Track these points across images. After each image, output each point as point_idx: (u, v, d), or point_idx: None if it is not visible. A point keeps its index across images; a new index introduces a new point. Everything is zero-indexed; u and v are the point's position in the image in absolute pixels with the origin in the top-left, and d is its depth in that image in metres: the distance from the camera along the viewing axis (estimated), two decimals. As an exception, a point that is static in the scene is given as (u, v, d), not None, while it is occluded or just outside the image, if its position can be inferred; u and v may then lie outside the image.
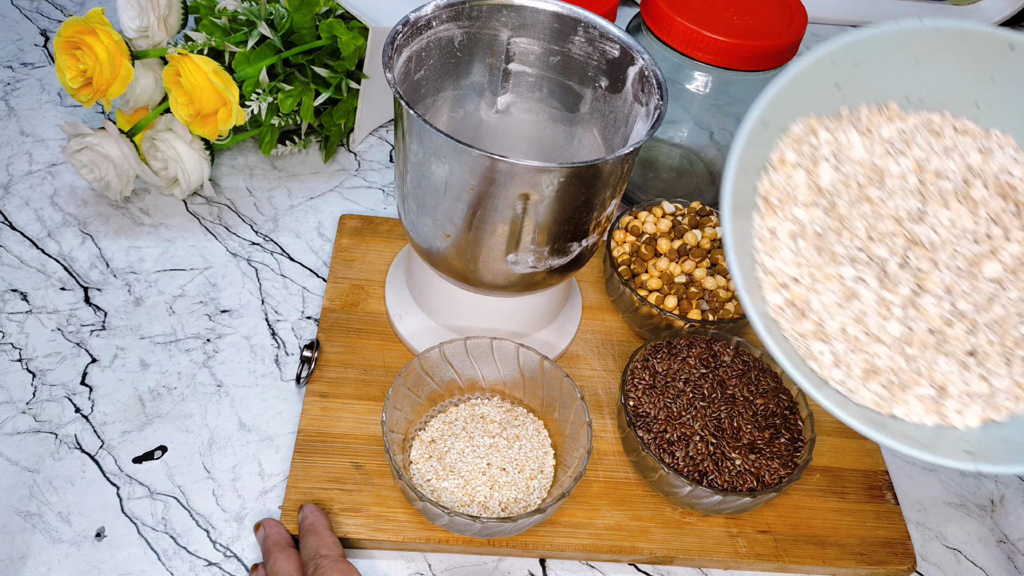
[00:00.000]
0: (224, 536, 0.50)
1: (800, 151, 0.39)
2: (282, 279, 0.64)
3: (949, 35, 0.39)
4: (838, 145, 0.39)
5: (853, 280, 0.38)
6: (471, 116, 0.58)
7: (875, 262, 0.38)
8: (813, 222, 0.38)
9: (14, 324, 0.58)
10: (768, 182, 0.39)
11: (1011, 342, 0.39)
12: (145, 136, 0.65)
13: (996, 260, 0.39)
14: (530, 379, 0.55)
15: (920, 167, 0.39)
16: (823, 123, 0.40)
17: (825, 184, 0.39)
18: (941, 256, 0.38)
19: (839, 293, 0.38)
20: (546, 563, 0.51)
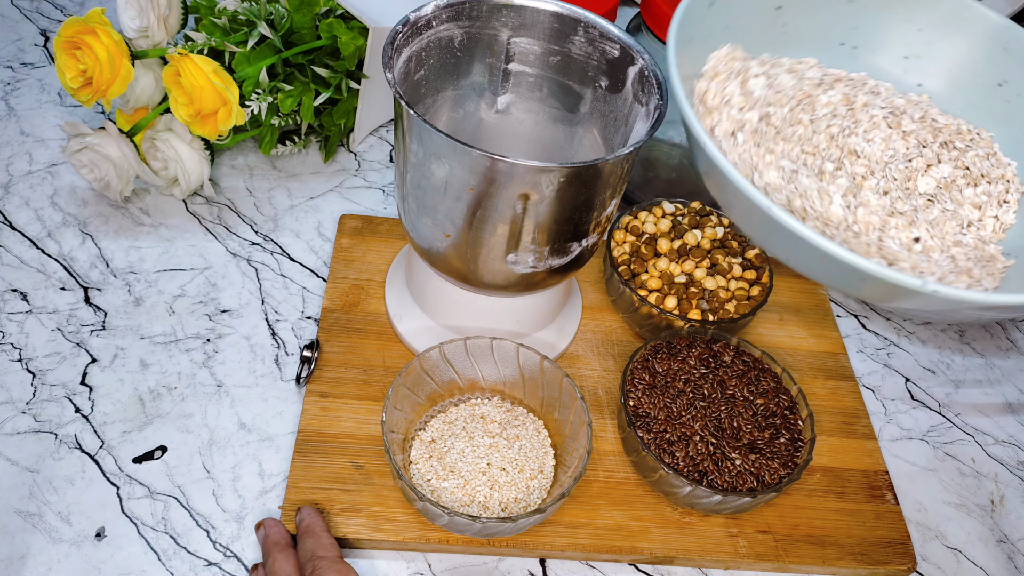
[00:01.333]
0: (224, 536, 0.50)
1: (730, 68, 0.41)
2: (282, 279, 0.64)
3: None
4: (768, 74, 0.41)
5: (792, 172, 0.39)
6: (471, 116, 0.58)
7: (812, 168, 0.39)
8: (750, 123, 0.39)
9: (14, 324, 0.58)
10: (703, 86, 0.40)
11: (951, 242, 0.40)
12: (145, 136, 0.65)
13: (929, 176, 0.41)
14: (530, 379, 0.55)
15: (848, 100, 0.41)
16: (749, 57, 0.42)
17: (757, 94, 0.40)
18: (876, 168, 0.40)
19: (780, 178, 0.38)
20: (546, 563, 0.51)
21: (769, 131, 0.40)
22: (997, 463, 0.61)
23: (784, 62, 0.44)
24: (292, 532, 0.49)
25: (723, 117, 0.40)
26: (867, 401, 0.63)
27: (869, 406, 0.62)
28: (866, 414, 0.61)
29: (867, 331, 0.68)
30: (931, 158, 0.41)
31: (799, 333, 0.65)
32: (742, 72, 0.41)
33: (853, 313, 0.70)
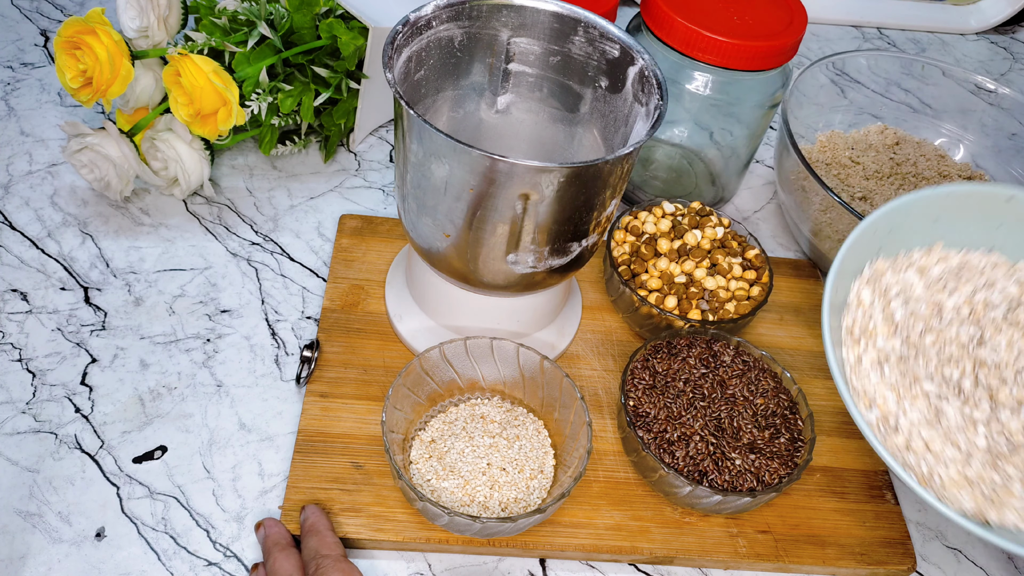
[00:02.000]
0: (224, 536, 0.50)
1: (873, 290, 0.48)
2: (282, 279, 0.64)
3: (959, 196, 0.49)
4: (902, 285, 0.48)
5: (937, 397, 0.45)
6: (471, 116, 0.58)
7: (951, 383, 0.45)
8: (893, 350, 0.46)
9: (14, 324, 0.58)
10: (851, 319, 0.47)
11: None
12: (145, 136, 0.65)
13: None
14: (530, 379, 0.55)
15: (970, 300, 0.48)
16: (888, 264, 0.49)
17: (899, 318, 0.47)
18: (1007, 373, 0.45)
19: (926, 411, 0.44)
20: (546, 563, 0.51)
21: (911, 352, 0.46)
22: (997, 463, 0.61)
23: (915, 257, 0.50)
24: (293, 532, 0.49)
25: (870, 347, 0.46)
26: (867, 401, 0.63)
27: (869, 406, 0.62)
28: (866, 414, 0.61)
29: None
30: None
31: (799, 333, 0.65)
32: (884, 295, 0.47)
33: (853, 313, 0.70)
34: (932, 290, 0.48)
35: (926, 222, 0.49)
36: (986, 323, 0.47)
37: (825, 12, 1.05)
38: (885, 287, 0.48)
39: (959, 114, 0.81)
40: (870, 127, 0.82)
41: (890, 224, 0.48)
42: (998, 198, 0.50)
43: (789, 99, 0.70)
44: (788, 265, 0.70)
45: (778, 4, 0.65)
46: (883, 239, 0.48)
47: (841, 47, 1.02)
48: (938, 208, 0.49)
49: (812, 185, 0.65)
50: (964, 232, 0.50)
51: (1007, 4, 1.08)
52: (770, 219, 0.77)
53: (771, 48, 0.61)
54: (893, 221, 0.48)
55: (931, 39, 1.06)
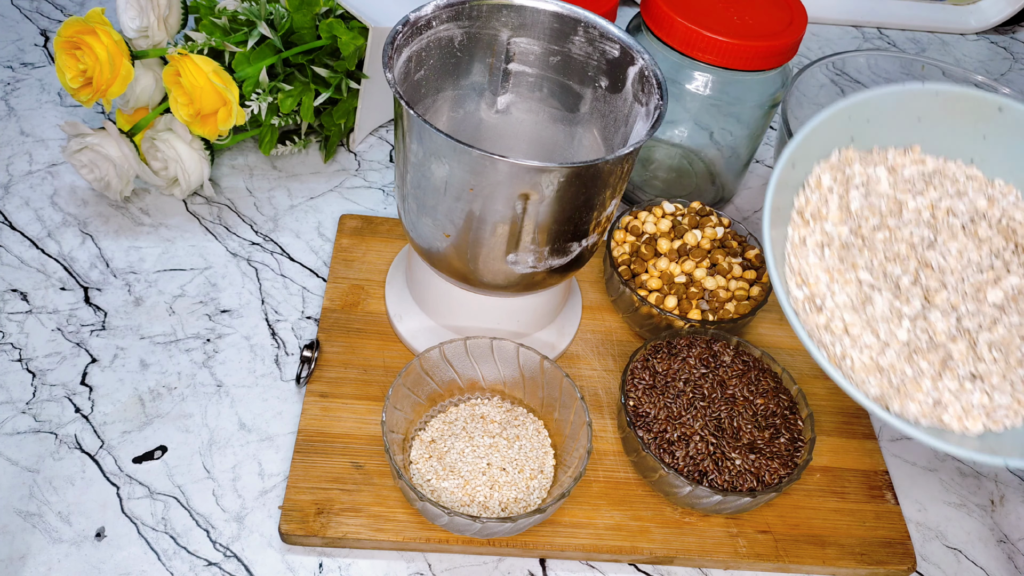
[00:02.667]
0: (224, 536, 0.50)
1: (835, 177, 0.46)
2: (282, 279, 0.64)
3: (947, 97, 0.46)
4: (867, 177, 0.46)
5: (869, 287, 0.43)
6: (471, 116, 0.58)
7: (890, 278, 0.44)
8: (840, 236, 0.44)
9: (14, 324, 0.58)
10: (804, 199, 0.45)
11: (1015, 361, 0.43)
12: (145, 136, 0.65)
13: (999, 288, 0.44)
14: (530, 379, 0.55)
15: (934, 205, 0.46)
16: (858, 155, 0.47)
17: (855, 208, 0.45)
18: (949, 279, 0.44)
19: (855, 296, 0.43)
20: (546, 563, 0.51)
21: (856, 242, 0.45)
22: (997, 463, 0.61)
23: (889, 156, 0.48)
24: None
25: (816, 230, 0.45)
26: (867, 401, 0.63)
27: (869, 406, 0.62)
28: (866, 414, 0.61)
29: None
30: (1001, 269, 0.45)
31: (799, 333, 0.65)
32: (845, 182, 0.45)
33: (853, 313, 0.70)
34: (898, 189, 0.46)
35: (908, 120, 0.47)
36: (942, 228, 0.46)
37: (825, 12, 1.05)
38: (848, 176, 0.46)
39: (959, 114, 0.81)
40: (870, 127, 0.82)
41: (868, 114, 0.45)
42: (989, 106, 0.47)
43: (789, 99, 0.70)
44: (788, 265, 0.70)
45: (778, 4, 0.65)
46: (858, 128, 0.46)
47: (841, 47, 1.02)
48: (924, 106, 0.46)
49: (812, 185, 0.65)
50: (946, 139, 0.48)
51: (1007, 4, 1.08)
52: (770, 219, 0.77)
53: (771, 48, 0.61)
54: (873, 111, 0.45)
55: (931, 39, 1.06)
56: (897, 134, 0.47)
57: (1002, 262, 0.46)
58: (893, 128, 0.47)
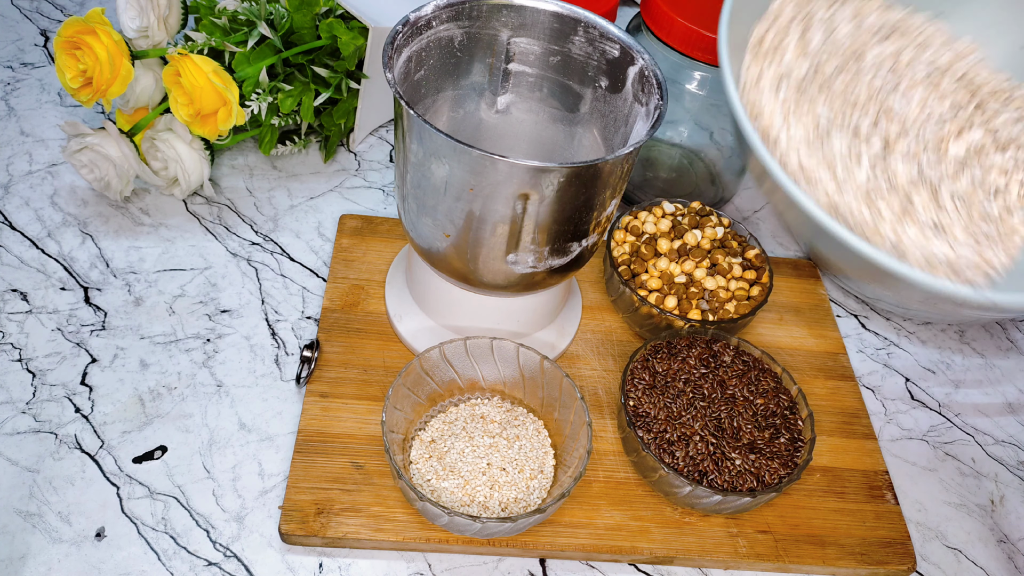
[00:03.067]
0: (224, 536, 0.50)
1: (798, 10, 0.43)
2: (282, 279, 0.64)
3: None
4: (831, 17, 0.43)
5: (827, 122, 0.40)
6: (471, 116, 0.58)
7: (848, 120, 0.41)
8: (797, 70, 0.41)
9: (14, 324, 0.58)
10: (764, 27, 0.42)
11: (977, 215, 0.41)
12: (145, 136, 0.65)
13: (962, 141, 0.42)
14: (530, 379, 0.55)
15: (896, 54, 0.43)
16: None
17: (813, 47, 0.42)
18: (911, 128, 0.41)
19: (811, 130, 0.40)
20: (546, 563, 0.51)
21: (816, 80, 0.41)
22: (997, 463, 0.61)
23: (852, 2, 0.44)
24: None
25: (773, 63, 0.42)
26: (867, 401, 0.63)
27: (869, 406, 0.62)
28: (866, 414, 0.61)
29: (867, 331, 0.68)
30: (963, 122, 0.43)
31: (799, 333, 0.65)
32: (806, 18, 0.43)
33: (853, 313, 0.70)
34: (860, 33, 0.44)
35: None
36: (903, 77, 0.44)
37: (825, 12, 1.05)
38: (811, 11, 0.44)
39: (959, 114, 0.81)
40: (870, 127, 0.81)
41: None
42: None
43: (789, 99, 0.70)
44: (788, 265, 0.70)
45: (778, 4, 0.65)
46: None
47: (841, 47, 1.02)
48: None
49: (812, 185, 0.65)
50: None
51: None
52: (770, 219, 0.77)
53: (771, 48, 0.61)
54: None
55: (931, 39, 1.06)
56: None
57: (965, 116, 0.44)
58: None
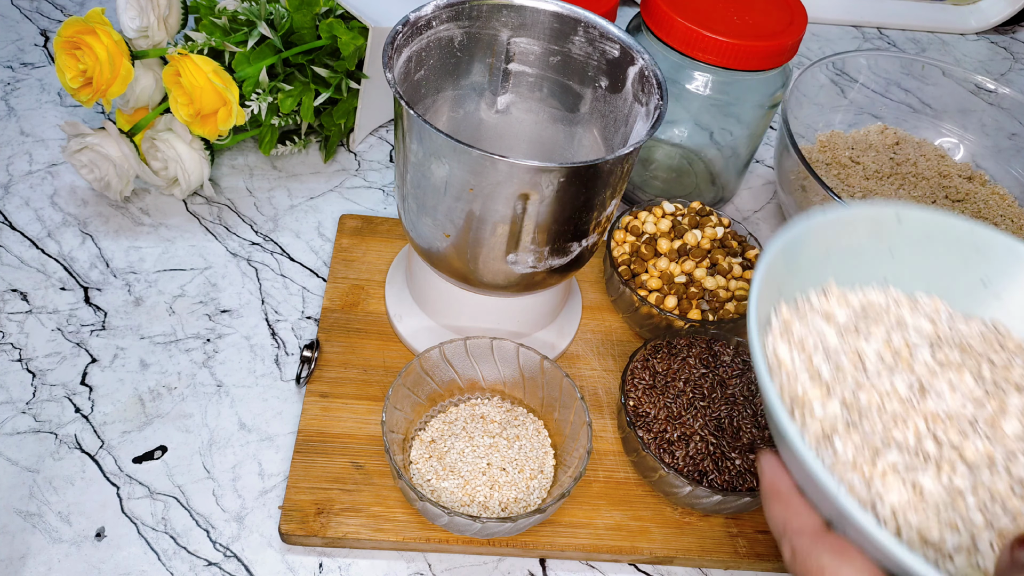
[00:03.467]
0: (224, 536, 0.50)
1: (789, 347, 0.40)
2: (282, 279, 0.64)
3: (844, 222, 0.43)
4: (815, 336, 0.40)
5: (906, 469, 0.36)
6: (471, 116, 0.58)
7: (908, 448, 0.37)
8: (837, 418, 0.37)
9: (14, 324, 0.58)
10: (779, 385, 0.38)
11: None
12: (145, 136, 0.65)
13: (1010, 416, 0.38)
14: (530, 379, 0.55)
15: (888, 343, 0.40)
16: (793, 314, 0.41)
17: (827, 377, 0.38)
18: (964, 425, 0.37)
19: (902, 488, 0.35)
20: (546, 563, 0.51)
21: (854, 417, 0.37)
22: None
23: (813, 302, 0.42)
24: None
25: (807, 417, 0.37)
26: (867, 401, 0.63)
27: (869, 406, 0.62)
28: (866, 414, 0.61)
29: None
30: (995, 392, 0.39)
31: (799, 333, 0.65)
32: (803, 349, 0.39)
33: (853, 313, 0.70)
34: (847, 338, 0.41)
35: (818, 257, 0.43)
36: (918, 368, 0.40)
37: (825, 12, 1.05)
38: (800, 340, 0.40)
39: (959, 114, 0.81)
40: (870, 127, 0.82)
41: (786, 260, 0.41)
42: (887, 219, 0.44)
43: (789, 99, 0.70)
44: (788, 265, 0.70)
45: (778, 4, 0.65)
46: (782, 280, 0.41)
47: (841, 47, 1.02)
48: (829, 238, 0.43)
49: (812, 185, 0.65)
50: (856, 266, 0.44)
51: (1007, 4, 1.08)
52: (770, 219, 0.77)
53: (771, 48, 0.61)
54: (789, 257, 0.41)
55: (931, 39, 1.06)
56: (813, 274, 0.43)
57: (991, 383, 0.40)
58: (809, 270, 0.43)
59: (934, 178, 0.76)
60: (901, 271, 0.44)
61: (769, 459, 0.36)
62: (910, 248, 0.44)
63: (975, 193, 0.76)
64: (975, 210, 0.74)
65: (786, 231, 0.41)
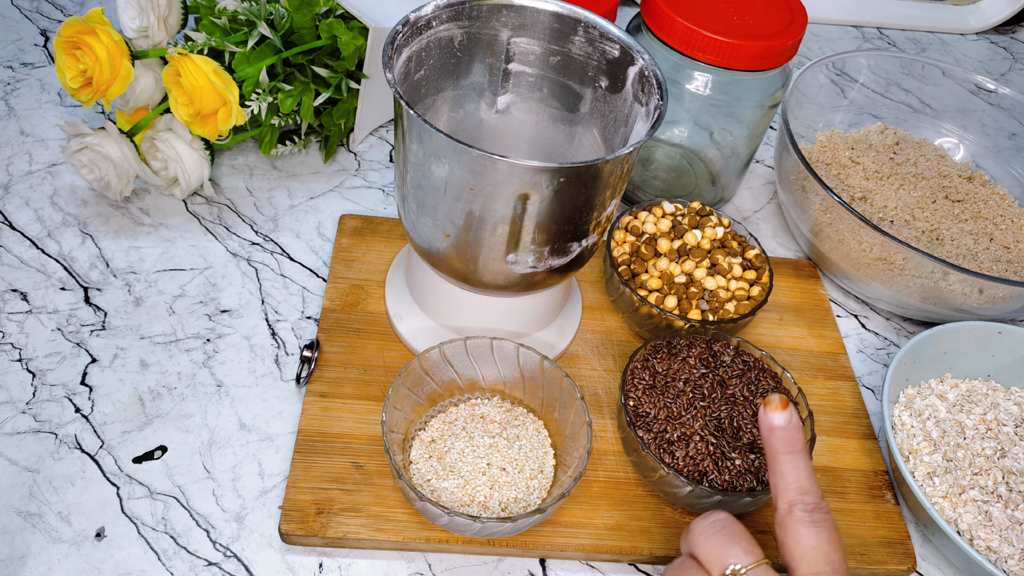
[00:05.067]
0: (224, 536, 0.50)
1: (910, 413, 0.58)
2: (282, 279, 0.64)
3: (960, 331, 0.61)
4: (930, 408, 0.59)
5: (983, 502, 0.53)
6: (471, 116, 0.58)
7: (988, 491, 0.54)
8: (939, 464, 0.55)
9: (14, 324, 0.58)
10: (899, 439, 0.57)
11: None
12: (145, 136, 0.65)
13: None
14: (530, 379, 0.55)
15: (984, 419, 0.58)
16: (915, 391, 0.60)
17: (935, 436, 0.57)
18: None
19: (976, 512, 0.53)
20: (546, 563, 0.51)
21: (949, 465, 0.55)
22: (997, 463, 0.61)
23: (932, 386, 0.61)
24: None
25: (920, 463, 0.55)
26: (867, 401, 0.63)
27: (869, 406, 0.62)
28: (866, 414, 0.61)
29: (867, 331, 0.68)
30: None
31: (799, 333, 0.65)
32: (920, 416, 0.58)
33: (853, 313, 0.70)
34: (953, 412, 0.59)
35: (938, 355, 0.61)
36: (1003, 438, 0.57)
37: (825, 12, 1.05)
38: (918, 410, 0.59)
39: (959, 114, 0.81)
40: (870, 127, 0.82)
41: (914, 357, 0.59)
42: (991, 331, 0.61)
43: (789, 99, 0.70)
44: (788, 265, 0.70)
45: (778, 4, 0.65)
46: (909, 371, 0.60)
47: (841, 47, 1.02)
48: (947, 341, 0.60)
49: (812, 185, 0.65)
50: (966, 363, 0.62)
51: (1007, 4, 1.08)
52: (770, 219, 0.77)
53: (771, 48, 0.61)
54: (915, 354, 0.59)
55: (931, 39, 1.06)
56: (933, 368, 0.61)
57: None
58: (930, 364, 0.61)
59: (934, 178, 0.76)
60: (1000, 369, 0.62)
61: None
62: (1010, 353, 0.62)
63: (975, 193, 0.76)
64: (975, 210, 0.74)
65: (914, 338, 0.59)
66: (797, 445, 0.43)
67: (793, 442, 0.43)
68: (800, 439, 0.43)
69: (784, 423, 0.43)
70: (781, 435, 0.43)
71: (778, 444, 0.43)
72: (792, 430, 0.43)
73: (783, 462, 0.42)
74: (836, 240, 0.66)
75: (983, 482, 0.55)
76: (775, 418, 0.43)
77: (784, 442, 0.43)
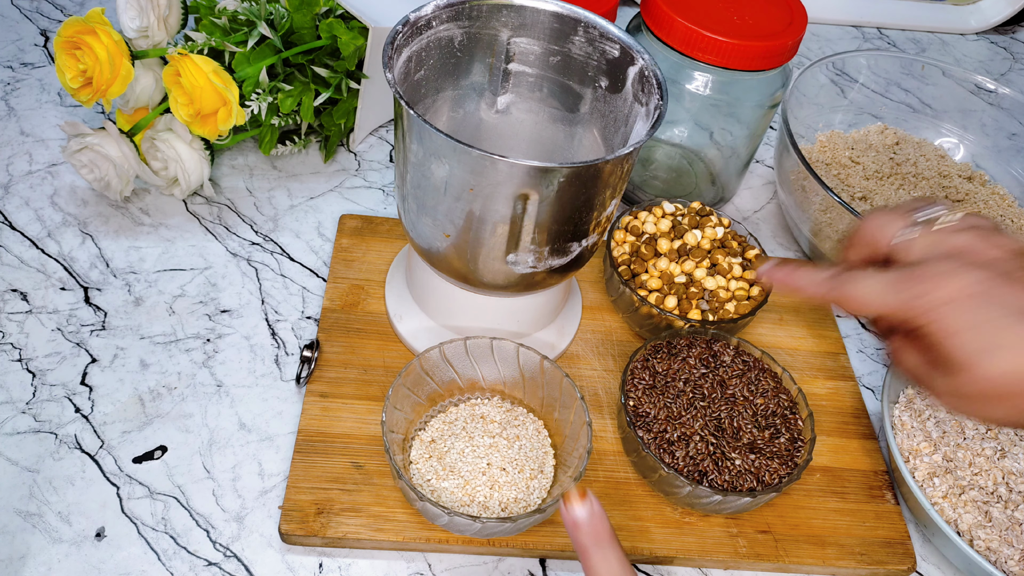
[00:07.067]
0: (224, 536, 0.50)
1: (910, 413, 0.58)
2: (282, 279, 0.64)
3: None
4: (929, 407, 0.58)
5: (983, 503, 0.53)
6: (471, 116, 0.58)
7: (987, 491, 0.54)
8: (939, 465, 0.55)
9: (14, 324, 0.58)
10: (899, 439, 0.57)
11: None
12: (145, 136, 0.65)
13: None
14: (530, 379, 0.55)
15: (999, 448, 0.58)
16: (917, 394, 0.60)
17: (935, 436, 0.56)
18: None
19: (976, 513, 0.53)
20: (546, 563, 0.51)
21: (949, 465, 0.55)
22: (997, 463, 0.61)
23: None
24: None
25: (920, 463, 0.55)
26: (867, 401, 0.63)
27: (869, 406, 0.62)
28: (866, 414, 0.61)
29: (867, 331, 0.68)
30: None
31: (799, 333, 0.65)
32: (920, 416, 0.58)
33: (853, 313, 0.70)
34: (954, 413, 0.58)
35: None
36: (1003, 438, 0.57)
37: (825, 12, 1.05)
38: (919, 410, 0.58)
39: (959, 114, 0.81)
40: (870, 127, 0.82)
41: None
42: None
43: (789, 99, 0.70)
44: (788, 265, 0.70)
45: (778, 4, 0.65)
46: None
47: (841, 47, 1.02)
48: None
49: (812, 185, 0.65)
50: None
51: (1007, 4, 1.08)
52: (770, 219, 0.77)
53: (771, 48, 0.61)
54: None
55: (931, 39, 1.06)
56: None
57: None
58: None
59: (934, 178, 0.76)
60: None
61: None
62: None
63: (975, 193, 0.76)
64: (975, 210, 0.74)
65: None
66: (605, 536, 0.41)
67: (599, 534, 0.41)
68: (606, 527, 0.41)
69: (587, 515, 0.41)
70: (587, 530, 0.41)
71: (585, 539, 0.41)
72: (596, 521, 0.41)
73: (593, 556, 0.40)
74: (836, 240, 0.66)
75: (983, 482, 0.55)
76: (577, 512, 0.41)
77: (591, 536, 0.41)
